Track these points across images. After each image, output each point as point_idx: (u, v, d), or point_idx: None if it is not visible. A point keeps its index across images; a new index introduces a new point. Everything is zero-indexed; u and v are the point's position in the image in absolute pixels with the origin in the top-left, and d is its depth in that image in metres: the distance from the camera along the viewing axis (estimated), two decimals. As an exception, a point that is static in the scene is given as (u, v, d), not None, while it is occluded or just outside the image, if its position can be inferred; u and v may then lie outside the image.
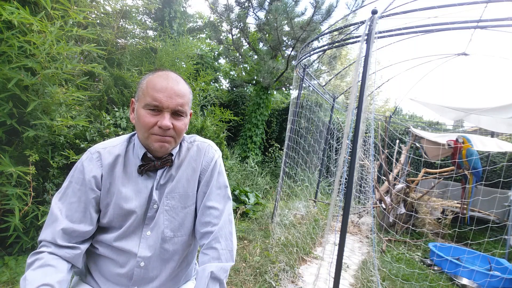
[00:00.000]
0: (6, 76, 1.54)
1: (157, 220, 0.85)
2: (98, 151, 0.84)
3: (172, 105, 0.78)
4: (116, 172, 0.84)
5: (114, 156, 0.85)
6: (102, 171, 0.82)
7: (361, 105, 2.01)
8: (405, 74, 6.42)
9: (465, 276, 2.80)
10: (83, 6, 2.19)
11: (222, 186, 0.91)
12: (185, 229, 0.88)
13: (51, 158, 1.95)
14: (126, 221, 0.83)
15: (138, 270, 0.82)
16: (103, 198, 0.83)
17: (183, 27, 5.76)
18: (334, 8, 5.38)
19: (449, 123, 7.82)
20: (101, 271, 0.85)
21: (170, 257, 0.87)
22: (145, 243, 0.83)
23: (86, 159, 0.83)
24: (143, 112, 0.79)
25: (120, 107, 2.73)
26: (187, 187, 0.89)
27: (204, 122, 3.61)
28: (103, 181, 0.83)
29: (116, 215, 0.83)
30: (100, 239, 0.84)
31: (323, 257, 2.74)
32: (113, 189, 0.83)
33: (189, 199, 0.89)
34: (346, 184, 2.07)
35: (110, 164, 0.84)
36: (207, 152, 0.93)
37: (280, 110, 7.92)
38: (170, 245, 0.86)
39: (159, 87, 0.78)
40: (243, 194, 4.17)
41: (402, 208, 3.99)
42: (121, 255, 0.83)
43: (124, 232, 0.83)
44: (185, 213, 0.88)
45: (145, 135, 0.81)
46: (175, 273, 0.89)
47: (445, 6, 2.00)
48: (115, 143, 0.88)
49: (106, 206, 0.83)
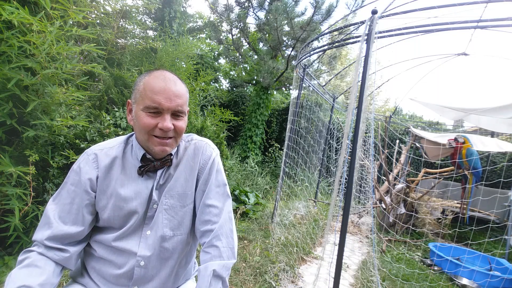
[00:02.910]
0: (6, 76, 1.54)
1: (156, 219, 0.85)
2: (94, 152, 0.84)
3: (172, 106, 0.79)
4: (113, 173, 0.84)
5: (111, 158, 0.84)
6: (98, 173, 0.82)
7: (361, 105, 2.01)
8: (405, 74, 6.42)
9: (465, 276, 2.80)
10: (83, 6, 2.19)
11: (220, 184, 0.92)
12: (184, 227, 0.89)
13: (51, 158, 1.95)
14: (127, 221, 0.84)
15: (138, 269, 0.82)
16: (98, 199, 0.82)
17: (183, 27, 5.76)
18: (334, 8, 5.38)
19: (449, 123, 7.83)
20: (99, 273, 0.84)
21: (170, 255, 0.87)
22: (144, 242, 0.84)
23: (82, 160, 0.83)
24: (142, 114, 0.78)
25: (120, 107, 2.73)
26: (185, 186, 0.89)
27: (204, 122, 3.61)
28: (99, 182, 0.82)
29: (116, 216, 0.83)
30: (98, 239, 0.84)
31: (323, 257, 2.74)
32: (111, 191, 0.83)
33: (188, 198, 0.89)
34: (346, 184, 2.07)
35: (107, 166, 0.83)
36: (205, 150, 0.93)
37: (280, 110, 7.92)
38: (169, 243, 0.86)
39: (157, 89, 0.77)
40: (243, 194, 4.17)
41: (402, 208, 3.99)
42: (120, 255, 0.83)
43: (124, 232, 0.83)
44: (184, 212, 0.89)
45: (146, 137, 0.80)
46: (175, 272, 0.90)
47: (445, 6, 2.00)
48: (111, 145, 0.87)
49: (103, 208, 0.82)
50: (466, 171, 3.98)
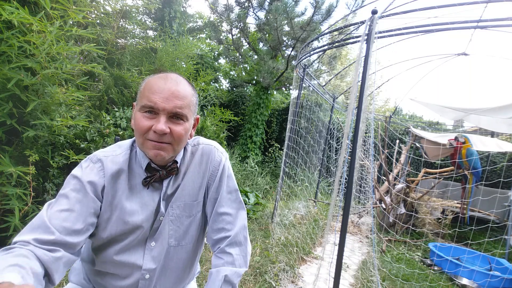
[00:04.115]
0: (6, 76, 1.54)
1: (162, 230, 0.81)
2: (100, 159, 0.76)
3: (168, 107, 0.71)
4: (119, 184, 0.77)
5: (117, 166, 0.77)
6: (105, 182, 0.75)
7: (361, 105, 2.01)
8: (405, 74, 6.41)
9: (465, 276, 2.80)
10: (83, 6, 2.19)
11: (232, 191, 0.88)
12: (190, 237, 0.86)
13: (51, 158, 1.95)
14: (130, 235, 0.78)
15: (143, 282, 0.80)
16: (103, 211, 0.75)
17: (183, 27, 5.76)
18: (334, 8, 5.38)
19: (449, 123, 7.82)
20: (104, 285, 0.82)
21: (175, 265, 0.85)
22: (149, 255, 0.80)
23: (86, 167, 0.75)
24: (138, 115, 0.73)
25: (120, 107, 2.73)
26: (193, 194, 0.85)
27: (204, 122, 3.61)
28: (105, 192, 0.75)
29: (120, 230, 0.77)
30: (100, 253, 0.79)
31: (323, 257, 2.74)
32: (116, 203, 0.76)
33: (194, 208, 0.85)
34: (346, 184, 2.07)
35: (114, 175, 0.76)
36: (213, 156, 0.87)
37: (280, 110, 7.92)
38: (175, 253, 0.84)
39: (155, 88, 0.72)
40: (243, 194, 4.17)
41: (402, 208, 3.99)
42: (123, 268, 0.79)
43: (126, 246, 0.78)
44: (190, 222, 0.85)
45: (140, 141, 0.74)
46: (180, 279, 0.89)
47: (445, 6, 2.00)
48: (117, 152, 0.80)
49: (106, 220, 0.76)
50: (466, 171, 3.98)
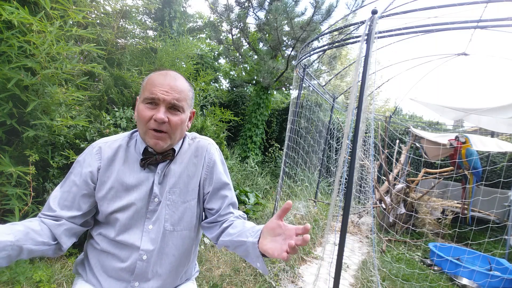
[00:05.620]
0: (6, 76, 1.54)
1: (159, 215, 0.88)
2: (99, 146, 0.88)
3: (168, 98, 0.81)
4: (115, 165, 0.87)
5: (114, 149, 0.88)
6: (101, 164, 0.86)
7: (361, 105, 2.01)
8: (405, 74, 6.42)
9: (465, 276, 2.80)
10: (83, 6, 2.19)
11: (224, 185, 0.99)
12: (184, 223, 0.91)
13: (51, 158, 1.95)
14: (126, 211, 0.85)
15: (140, 263, 0.84)
16: (98, 190, 0.85)
17: (183, 27, 5.76)
18: (334, 8, 5.38)
19: (449, 123, 7.82)
20: (103, 267, 0.87)
21: (170, 251, 0.89)
22: (147, 236, 0.86)
23: (87, 153, 0.88)
24: (141, 106, 0.83)
25: (120, 107, 2.73)
26: (187, 182, 0.92)
27: (204, 122, 3.60)
28: (100, 174, 0.86)
29: (116, 206, 0.85)
30: (101, 233, 0.87)
31: (323, 257, 2.74)
32: (112, 181, 0.86)
33: (189, 194, 0.92)
34: (346, 184, 2.07)
35: (110, 158, 0.87)
36: (209, 150, 0.97)
37: (280, 110, 7.92)
38: (170, 238, 0.89)
39: (156, 83, 0.82)
40: (243, 194, 4.17)
41: (402, 208, 3.99)
42: (123, 249, 0.85)
43: (125, 226, 0.85)
44: (185, 208, 0.91)
45: (143, 130, 0.84)
46: (175, 268, 0.92)
47: (445, 6, 2.00)
48: (116, 138, 0.92)
49: (102, 198, 0.85)
50: (466, 171, 3.98)
